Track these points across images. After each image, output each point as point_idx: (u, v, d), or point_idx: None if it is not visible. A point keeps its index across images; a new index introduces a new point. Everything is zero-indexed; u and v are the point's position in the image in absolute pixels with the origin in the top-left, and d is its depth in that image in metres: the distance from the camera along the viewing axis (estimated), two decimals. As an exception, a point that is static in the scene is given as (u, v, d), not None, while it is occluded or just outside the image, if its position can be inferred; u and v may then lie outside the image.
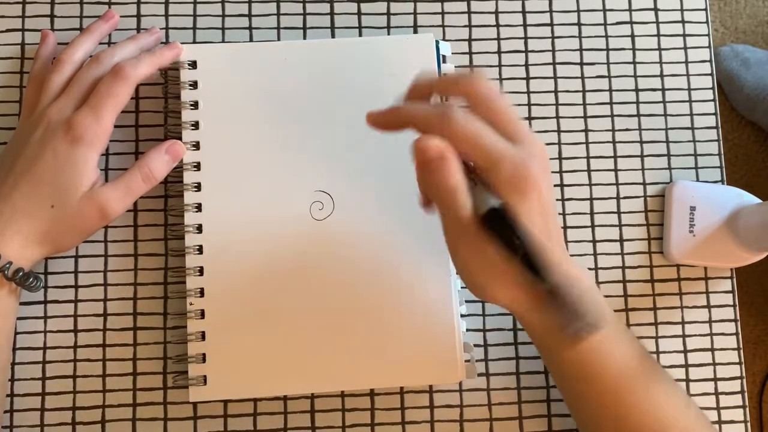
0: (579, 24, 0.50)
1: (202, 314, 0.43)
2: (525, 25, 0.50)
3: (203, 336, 0.43)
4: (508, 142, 0.34)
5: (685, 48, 0.50)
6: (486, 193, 0.33)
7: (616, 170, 0.49)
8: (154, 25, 0.48)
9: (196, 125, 0.45)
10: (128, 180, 0.42)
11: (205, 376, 0.42)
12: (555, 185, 0.48)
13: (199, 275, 0.43)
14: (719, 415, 0.46)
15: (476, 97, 0.34)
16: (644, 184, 0.49)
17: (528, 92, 0.49)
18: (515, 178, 0.33)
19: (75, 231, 0.41)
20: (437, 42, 0.47)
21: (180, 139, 0.44)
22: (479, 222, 0.33)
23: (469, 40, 0.49)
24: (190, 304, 0.43)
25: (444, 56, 0.47)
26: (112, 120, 0.41)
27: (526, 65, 0.49)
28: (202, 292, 0.43)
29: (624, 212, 0.48)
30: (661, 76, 0.50)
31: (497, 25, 0.50)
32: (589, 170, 0.48)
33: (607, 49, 0.50)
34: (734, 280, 0.48)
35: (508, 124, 0.34)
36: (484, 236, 0.33)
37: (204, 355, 0.42)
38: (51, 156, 0.40)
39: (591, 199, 0.48)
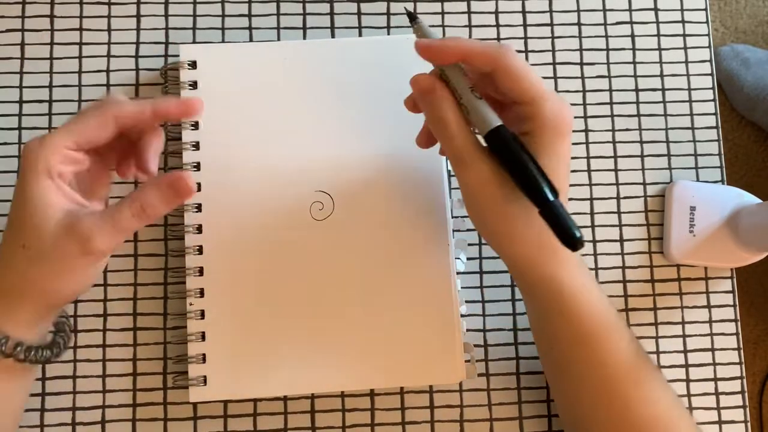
0: (579, 24, 0.50)
1: (202, 314, 0.43)
2: (525, 25, 0.50)
3: (203, 336, 0.43)
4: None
5: (685, 48, 0.50)
6: (485, 116, 0.35)
7: (616, 170, 0.49)
8: (198, 98, 0.40)
9: (196, 125, 0.45)
10: (115, 215, 0.35)
11: (205, 377, 0.42)
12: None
13: (199, 275, 0.43)
14: (719, 415, 0.46)
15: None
16: (644, 184, 0.49)
17: (528, 92, 0.49)
18: (558, 118, 0.35)
19: (59, 273, 0.35)
20: (437, 42, 0.47)
21: (180, 139, 0.44)
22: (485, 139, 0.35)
23: (469, 40, 0.49)
24: (190, 304, 0.43)
25: (444, 56, 0.47)
26: (65, 139, 0.35)
27: (526, 65, 0.49)
28: (202, 293, 0.43)
29: (624, 212, 0.48)
30: (661, 76, 0.50)
31: (497, 25, 0.50)
32: (589, 170, 0.48)
33: (607, 49, 0.50)
34: (734, 280, 0.48)
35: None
36: (481, 162, 0.35)
37: (204, 355, 0.42)
38: (13, 196, 0.35)
39: (591, 199, 0.48)
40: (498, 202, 0.36)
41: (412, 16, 0.38)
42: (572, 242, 0.32)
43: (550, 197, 0.33)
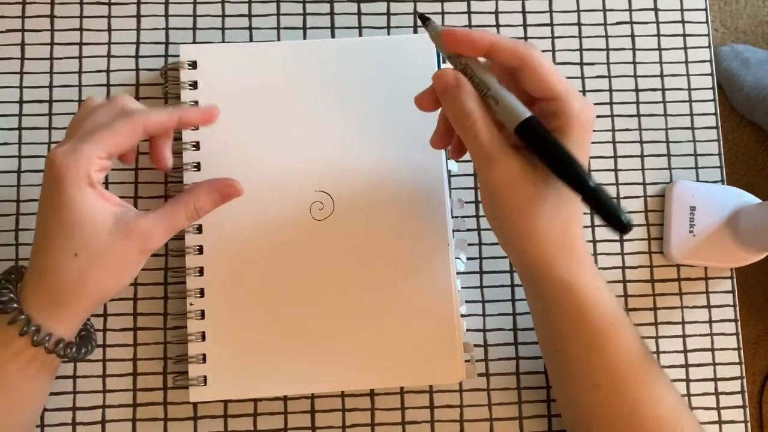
0: (579, 24, 0.50)
1: (203, 314, 0.43)
2: (525, 25, 0.50)
3: (203, 336, 0.43)
4: None
5: (685, 48, 0.50)
6: (515, 108, 0.35)
7: (616, 170, 0.49)
8: (215, 105, 0.40)
9: (196, 125, 0.44)
10: (173, 215, 0.37)
11: (205, 377, 0.42)
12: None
13: (199, 275, 0.43)
14: (719, 415, 0.46)
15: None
16: (644, 184, 0.49)
17: (528, 92, 0.49)
18: (585, 113, 0.35)
19: (114, 272, 0.36)
20: (437, 42, 0.47)
21: (179, 140, 0.44)
22: (515, 132, 0.35)
23: (469, 40, 0.49)
24: (190, 304, 0.43)
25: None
26: (96, 150, 0.35)
27: (526, 65, 0.49)
28: (202, 293, 0.43)
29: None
30: (661, 76, 0.50)
31: (497, 25, 0.50)
32: (589, 170, 0.48)
33: (607, 49, 0.50)
34: (734, 280, 0.48)
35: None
36: (510, 158, 0.35)
37: (204, 355, 0.42)
38: (48, 205, 0.36)
39: (591, 199, 0.48)
40: (525, 199, 0.36)
41: (424, 18, 0.38)
42: (621, 225, 0.32)
43: (592, 183, 0.33)
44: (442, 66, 0.47)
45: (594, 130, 0.49)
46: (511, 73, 0.36)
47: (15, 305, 0.35)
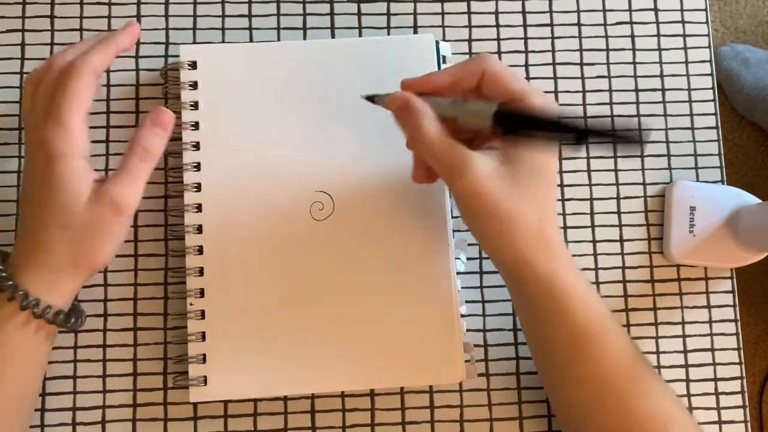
0: (579, 24, 0.50)
1: (203, 315, 0.43)
2: (525, 25, 0.50)
3: (203, 336, 0.43)
4: None
5: (685, 48, 0.50)
6: (484, 105, 0.36)
7: (616, 170, 0.49)
8: (132, 21, 0.42)
9: (196, 126, 0.45)
10: (128, 166, 0.38)
11: (205, 377, 0.42)
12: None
13: (200, 276, 0.43)
14: (719, 415, 0.46)
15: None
16: (644, 184, 0.49)
17: (528, 92, 0.49)
18: (548, 104, 0.37)
19: (98, 239, 0.38)
20: (437, 42, 0.47)
21: (180, 139, 0.44)
22: (492, 128, 0.36)
23: (469, 40, 0.49)
24: (191, 304, 0.43)
25: (444, 57, 0.47)
26: (79, 120, 0.37)
27: (526, 65, 0.49)
28: (202, 293, 0.43)
29: (624, 212, 0.48)
30: (661, 76, 0.50)
31: (497, 25, 0.50)
32: (589, 170, 0.48)
33: (607, 49, 0.50)
34: (734, 280, 0.48)
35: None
36: (474, 162, 0.36)
37: (204, 355, 0.42)
38: (37, 182, 0.38)
39: (591, 199, 0.48)
40: (498, 199, 0.36)
41: (371, 98, 0.40)
42: (638, 138, 0.33)
43: (586, 124, 0.33)
44: (443, 66, 0.47)
45: (594, 130, 0.49)
46: (474, 91, 0.38)
47: (10, 282, 0.37)
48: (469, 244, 0.47)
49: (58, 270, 0.38)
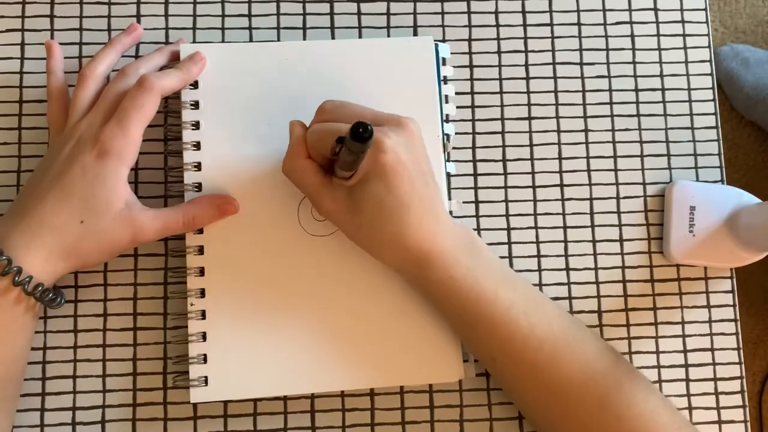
0: (579, 24, 0.50)
1: (203, 315, 0.43)
2: (525, 25, 0.50)
3: (204, 337, 0.43)
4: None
5: (685, 48, 0.50)
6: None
7: (616, 170, 0.49)
8: (182, 37, 0.48)
9: (196, 125, 0.45)
10: (169, 218, 0.41)
11: (206, 377, 0.42)
12: (555, 185, 0.48)
13: (200, 276, 0.43)
14: (719, 415, 0.46)
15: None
16: (644, 184, 0.49)
17: (528, 92, 0.49)
18: (394, 119, 0.39)
19: (103, 248, 0.40)
20: (437, 44, 0.47)
21: (179, 139, 0.44)
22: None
23: (469, 40, 0.49)
24: (191, 304, 0.43)
25: (444, 58, 0.47)
26: (139, 132, 0.41)
27: (526, 65, 0.49)
28: (203, 293, 0.43)
29: (624, 212, 0.48)
30: (661, 76, 0.50)
31: (497, 25, 0.50)
32: (589, 170, 0.49)
33: (607, 49, 0.50)
34: (734, 280, 0.48)
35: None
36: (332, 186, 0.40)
37: (205, 356, 0.42)
38: (80, 171, 0.39)
39: (591, 199, 0.48)
40: (349, 234, 0.40)
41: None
42: (357, 134, 0.32)
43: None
44: (442, 69, 0.47)
45: (594, 130, 0.49)
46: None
47: (4, 257, 0.37)
48: (469, 244, 0.47)
49: (55, 254, 0.39)
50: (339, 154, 0.36)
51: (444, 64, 0.47)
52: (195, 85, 0.45)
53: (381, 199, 0.38)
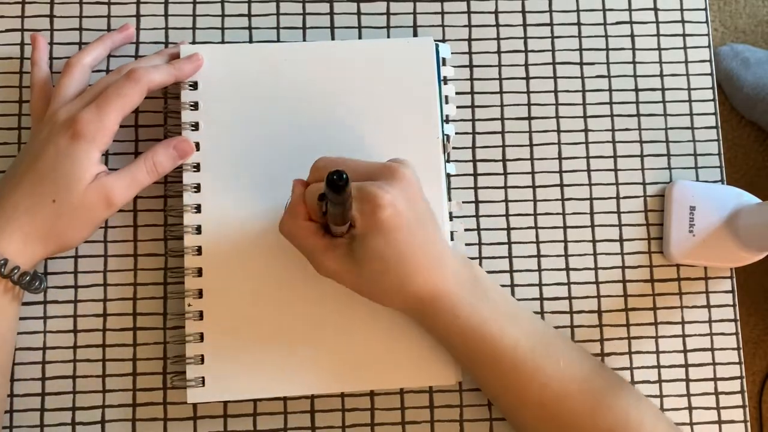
0: (579, 24, 0.50)
1: (201, 315, 0.43)
2: (525, 25, 0.50)
3: (201, 337, 0.43)
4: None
5: (685, 48, 0.50)
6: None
7: (615, 170, 0.49)
8: (184, 39, 0.48)
9: (195, 126, 0.44)
10: (133, 171, 0.42)
11: (203, 378, 0.42)
12: (555, 185, 0.48)
13: (198, 276, 0.43)
14: (719, 415, 0.46)
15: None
16: (644, 184, 0.49)
17: (528, 92, 0.49)
18: (388, 170, 0.38)
19: (80, 223, 0.41)
20: (437, 45, 0.47)
21: (180, 139, 0.44)
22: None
23: (469, 40, 0.49)
24: (188, 305, 0.43)
25: (444, 59, 0.47)
26: (117, 119, 0.41)
27: (526, 65, 0.49)
28: (200, 293, 0.43)
29: (624, 212, 0.48)
30: (661, 76, 0.50)
31: (497, 25, 0.50)
32: (589, 170, 0.48)
33: (607, 49, 0.50)
34: (734, 279, 0.48)
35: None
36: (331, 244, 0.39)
37: (202, 356, 0.42)
38: (53, 152, 0.40)
39: (591, 199, 0.48)
40: (356, 290, 0.40)
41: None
42: (331, 181, 0.31)
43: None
44: (442, 70, 0.47)
45: (594, 130, 0.49)
46: None
47: None
48: (467, 244, 0.47)
49: (32, 237, 0.39)
50: (327, 211, 0.36)
51: (444, 64, 0.47)
52: (194, 86, 0.45)
53: (381, 254, 0.37)
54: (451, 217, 0.46)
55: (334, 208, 0.35)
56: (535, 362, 0.40)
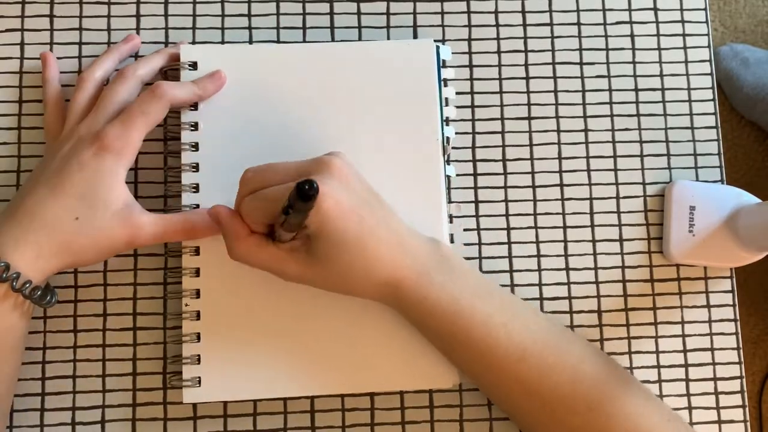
0: (579, 24, 0.50)
1: (198, 315, 0.43)
2: (525, 25, 0.50)
3: (198, 337, 0.43)
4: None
5: (685, 48, 0.50)
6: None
7: (615, 170, 0.49)
8: (184, 39, 0.48)
9: (195, 126, 0.44)
10: (169, 223, 0.41)
11: (199, 378, 0.42)
12: (555, 185, 0.48)
13: (196, 276, 0.43)
14: (719, 415, 0.46)
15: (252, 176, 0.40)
16: (644, 183, 0.49)
17: (528, 92, 0.49)
18: (316, 164, 0.38)
19: (98, 248, 0.40)
20: (438, 46, 0.47)
21: (179, 139, 0.44)
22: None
23: (469, 40, 0.49)
24: (186, 305, 0.43)
25: (444, 60, 0.47)
26: (141, 137, 0.41)
27: (526, 65, 0.49)
28: (198, 294, 0.43)
29: (624, 212, 0.48)
30: (661, 76, 0.50)
31: (497, 25, 0.50)
32: (588, 170, 0.48)
33: (607, 49, 0.50)
34: (734, 279, 0.48)
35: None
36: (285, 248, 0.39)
37: (199, 356, 0.42)
38: (77, 166, 0.39)
39: (591, 199, 0.48)
40: (321, 286, 0.40)
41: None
42: (302, 191, 0.31)
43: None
44: (442, 70, 0.47)
45: (594, 130, 0.49)
46: None
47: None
48: (465, 244, 0.47)
49: (47, 252, 0.38)
50: (287, 220, 0.35)
51: (444, 65, 0.47)
52: (194, 85, 0.45)
53: (340, 246, 0.37)
54: (451, 219, 0.46)
55: (296, 217, 0.35)
56: (510, 335, 0.39)
